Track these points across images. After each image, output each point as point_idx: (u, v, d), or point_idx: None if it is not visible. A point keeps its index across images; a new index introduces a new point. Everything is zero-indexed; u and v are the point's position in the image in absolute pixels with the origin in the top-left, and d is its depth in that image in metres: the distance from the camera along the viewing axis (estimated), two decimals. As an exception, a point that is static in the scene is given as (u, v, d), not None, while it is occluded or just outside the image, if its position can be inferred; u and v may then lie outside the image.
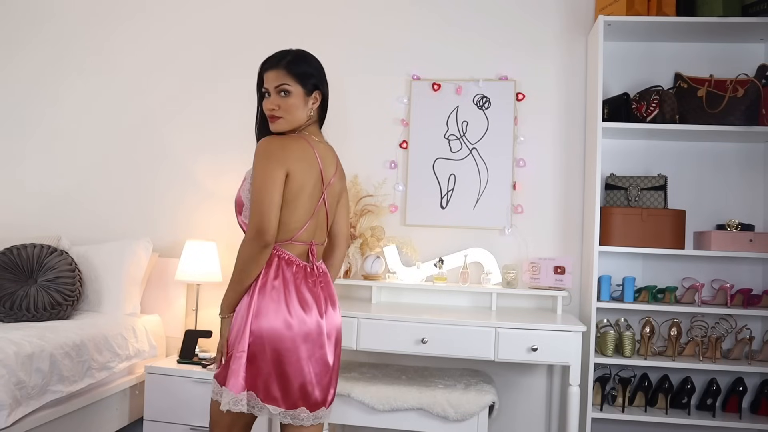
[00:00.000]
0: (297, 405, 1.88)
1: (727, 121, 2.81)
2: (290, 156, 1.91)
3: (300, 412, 1.89)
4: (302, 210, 1.95)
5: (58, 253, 3.13)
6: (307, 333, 1.90)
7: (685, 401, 2.89)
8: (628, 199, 2.99)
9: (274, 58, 2.01)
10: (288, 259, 1.95)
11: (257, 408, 1.85)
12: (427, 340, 2.65)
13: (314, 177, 1.96)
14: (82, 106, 3.68)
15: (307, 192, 1.95)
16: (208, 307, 3.41)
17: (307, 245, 1.99)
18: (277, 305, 1.88)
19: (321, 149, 2.01)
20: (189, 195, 3.53)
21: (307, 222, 1.97)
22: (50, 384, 2.51)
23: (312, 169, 1.95)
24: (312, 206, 1.98)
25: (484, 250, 3.16)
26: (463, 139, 3.26)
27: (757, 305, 2.91)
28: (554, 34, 3.25)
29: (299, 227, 1.96)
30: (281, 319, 1.87)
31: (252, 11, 3.51)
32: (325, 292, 2.00)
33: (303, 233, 1.97)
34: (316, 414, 1.92)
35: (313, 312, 1.92)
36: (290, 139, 1.95)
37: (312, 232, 2.01)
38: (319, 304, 1.95)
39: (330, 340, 1.97)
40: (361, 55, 3.39)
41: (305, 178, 1.93)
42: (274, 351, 1.85)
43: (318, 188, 1.99)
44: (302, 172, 1.92)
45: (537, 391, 3.18)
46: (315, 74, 2.01)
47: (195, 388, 2.98)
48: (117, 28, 3.66)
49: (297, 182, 1.91)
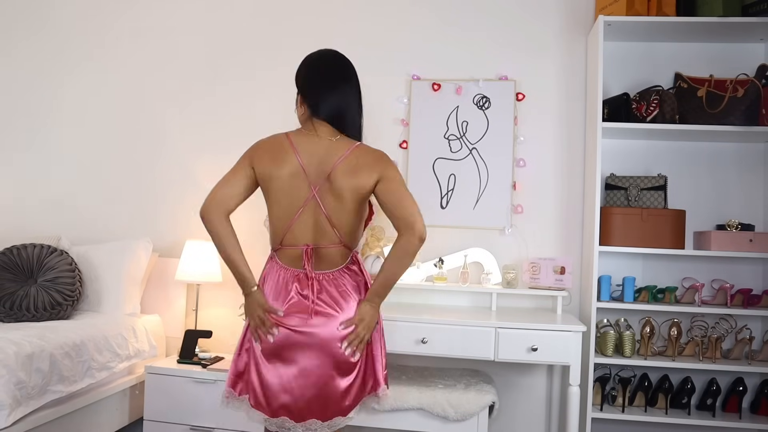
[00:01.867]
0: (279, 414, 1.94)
1: (727, 121, 2.81)
2: (256, 150, 1.97)
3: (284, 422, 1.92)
4: (283, 208, 1.93)
5: (58, 253, 3.13)
6: (278, 344, 1.93)
7: (685, 401, 2.89)
8: (628, 199, 2.99)
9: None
10: (278, 267, 1.97)
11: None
12: (427, 340, 2.65)
13: (287, 170, 1.92)
14: (82, 105, 3.68)
15: (282, 185, 1.92)
16: (208, 307, 3.41)
17: (301, 249, 1.94)
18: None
19: (307, 144, 1.95)
20: (189, 195, 3.53)
21: (292, 222, 1.93)
22: (50, 384, 2.51)
23: (284, 161, 1.92)
24: (294, 204, 1.92)
25: (484, 250, 3.16)
26: (463, 139, 3.26)
27: (757, 305, 2.91)
28: (554, 34, 3.25)
29: (285, 229, 1.94)
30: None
31: (252, 12, 3.51)
32: (323, 298, 1.92)
33: (290, 236, 1.94)
34: (305, 425, 1.92)
35: (292, 322, 1.91)
36: (269, 137, 2.01)
37: (306, 234, 1.94)
38: (306, 313, 1.91)
39: (314, 349, 1.91)
40: (361, 56, 3.37)
41: (271, 169, 1.92)
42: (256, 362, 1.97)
43: (299, 183, 1.92)
44: (265, 163, 1.93)
45: (537, 391, 3.18)
46: (296, 75, 2.07)
47: (195, 388, 2.98)
48: (117, 28, 3.66)
49: (262, 175, 1.93)
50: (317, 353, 1.91)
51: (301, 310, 1.92)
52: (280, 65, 3.44)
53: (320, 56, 2.09)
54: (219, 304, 3.42)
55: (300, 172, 1.92)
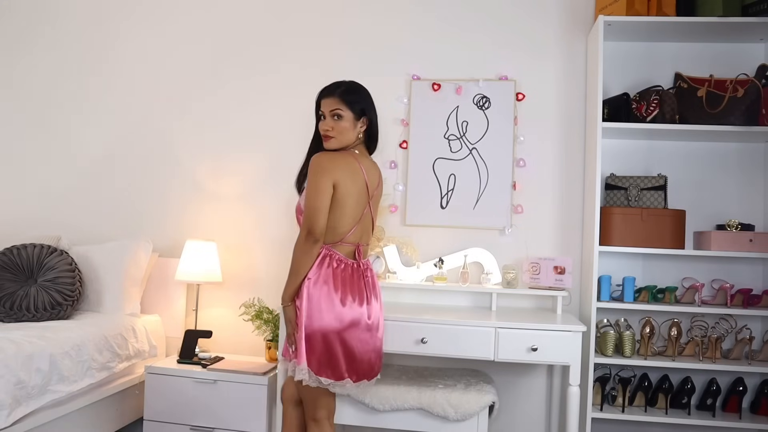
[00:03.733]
0: (343, 377, 2.23)
1: (727, 121, 2.81)
2: (337, 168, 2.25)
3: (346, 383, 2.24)
4: (349, 216, 2.29)
5: (58, 253, 3.13)
6: (351, 320, 2.24)
7: (685, 401, 2.89)
8: (628, 199, 2.99)
9: (331, 87, 2.36)
10: (338, 258, 2.28)
11: (313, 380, 2.21)
12: (427, 340, 2.65)
13: (359, 186, 2.30)
14: (82, 106, 3.68)
15: (353, 199, 2.28)
16: (208, 307, 3.41)
17: (354, 246, 2.34)
18: (327, 296, 2.22)
19: (366, 164, 2.36)
20: (189, 195, 3.53)
21: (354, 226, 2.31)
22: (50, 384, 2.52)
23: (356, 180, 2.29)
24: (358, 213, 2.32)
25: (484, 250, 3.16)
26: (463, 139, 3.26)
27: (757, 305, 2.91)
28: (554, 34, 3.25)
29: (347, 230, 2.30)
30: (329, 308, 2.21)
31: (252, 13, 3.51)
32: (368, 287, 2.32)
33: (350, 236, 2.32)
34: (358, 384, 2.29)
35: (355, 303, 2.26)
36: (338, 155, 2.30)
37: (359, 235, 2.35)
38: (361, 297, 2.28)
39: (372, 325, 2.30)
40: (361, 55, 3.39)
41: (349, 187, 2.26)
42: (324, 335, 2.20)
43: (363, 197, 2.33)
44: (346, 181, 2.25)
45: (537, 391, 3.18)
46: (363, 102, 2.36)
47: (195, 388, 2.98)
48: (118, 29, 3.66)
49: (342, 190, 2.24)
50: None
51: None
52: (280, 65, 3.44)
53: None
54: (219, 304, 3.42)
55: (365, 188, 2.33)
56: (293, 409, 2.47)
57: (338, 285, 2.25)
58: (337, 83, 2.37)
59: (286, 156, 3.37)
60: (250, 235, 3.45)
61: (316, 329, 2.20)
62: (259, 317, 3.12)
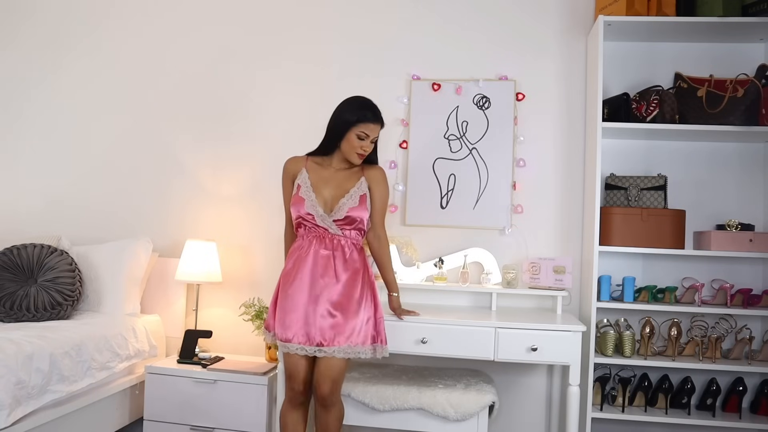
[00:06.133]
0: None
1: (727, 121, 2.81)
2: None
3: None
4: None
5: (58, 253, 3.13)
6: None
7: (685, 401, 2.89)
8: (628, 199, 2.99)
9: (378, 113, 2.48)
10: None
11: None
12: (427, 340, 2.65)
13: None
14: (82, 105, 3.68)
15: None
16: (208, 307, 3.41)
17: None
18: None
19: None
20: (189, 195, 3.53)
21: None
22: (50, 384, 2.51)
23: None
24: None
25: (484, 250, 3.16)
26: (463, 139, 3.26)
27: (757, 305, 2.91)
28: (554, 34, 3.25)
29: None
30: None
31: (252, 13, 3.51)
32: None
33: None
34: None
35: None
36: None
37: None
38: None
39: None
40: (362, 55, 3.39)
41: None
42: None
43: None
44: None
45: (537, 391, 3.18)
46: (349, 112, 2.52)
47: (195, 388, 2.98)
48: (118, 28, 3.66)
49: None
50: None
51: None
52: (280, 64, 3.44)
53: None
54: (219, 304, 3.42)
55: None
56: (295, 413, 2.51)
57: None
58: (378, 109, 2.49)
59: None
60: (250, 235, 3.45)
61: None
62: (259, 317, 3.12)
